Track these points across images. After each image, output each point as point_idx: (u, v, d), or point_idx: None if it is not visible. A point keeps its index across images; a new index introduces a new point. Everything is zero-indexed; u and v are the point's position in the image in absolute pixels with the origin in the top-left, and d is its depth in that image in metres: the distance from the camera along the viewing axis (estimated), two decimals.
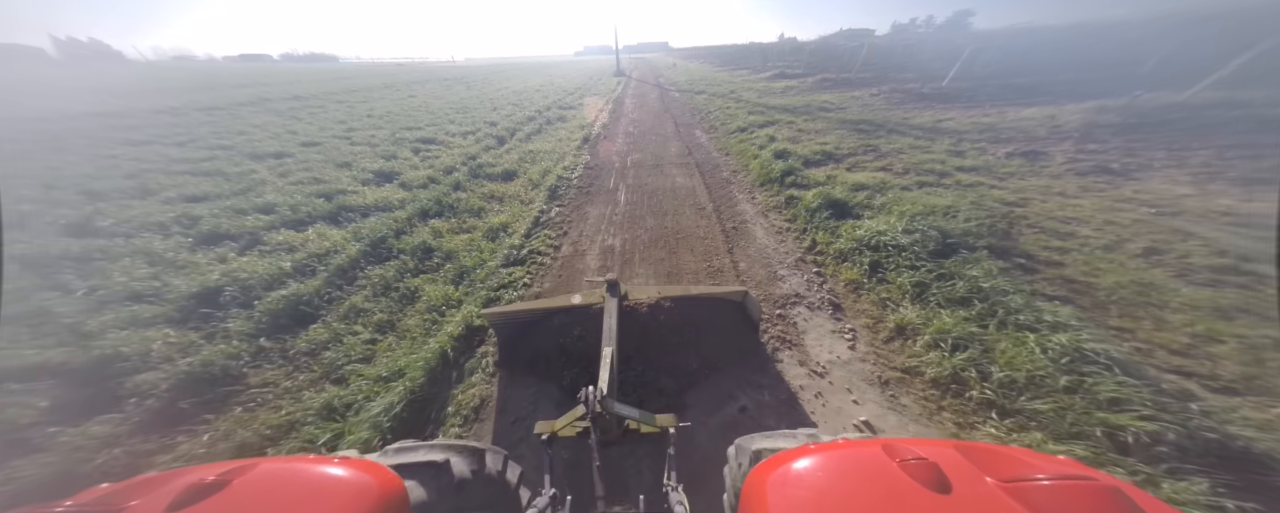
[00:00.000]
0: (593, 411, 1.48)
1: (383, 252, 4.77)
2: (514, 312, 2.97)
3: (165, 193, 6.36)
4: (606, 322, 2.30)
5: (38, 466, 2.36)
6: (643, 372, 2.62)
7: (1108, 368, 2.31)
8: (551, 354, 2.82)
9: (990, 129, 7.81)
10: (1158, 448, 1.94)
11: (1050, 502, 0.59)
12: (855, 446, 0.83)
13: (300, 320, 3.72)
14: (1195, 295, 2.91)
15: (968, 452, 0.73)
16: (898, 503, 0.64)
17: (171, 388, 2.94)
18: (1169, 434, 1.96)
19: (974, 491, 0.64)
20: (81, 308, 3.67)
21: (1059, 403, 2.24)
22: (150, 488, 0.71)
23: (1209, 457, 1.89)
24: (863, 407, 2.61)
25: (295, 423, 2.72)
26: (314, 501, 0.73)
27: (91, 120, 12.93)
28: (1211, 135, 6.25)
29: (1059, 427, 2.16)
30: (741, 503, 0.84)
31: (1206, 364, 2.37)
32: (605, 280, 2.72)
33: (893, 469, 0.69)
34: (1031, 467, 0.68)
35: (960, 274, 3.23)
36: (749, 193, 6.11)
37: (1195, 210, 4.17)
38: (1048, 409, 2.24)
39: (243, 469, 0.75)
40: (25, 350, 3.12)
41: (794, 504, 0.69)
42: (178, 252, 4.64)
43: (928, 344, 2.84)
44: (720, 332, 2.84)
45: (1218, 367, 2.35)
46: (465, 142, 10.08)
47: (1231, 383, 2.25)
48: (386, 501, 0.79)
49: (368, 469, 0.83)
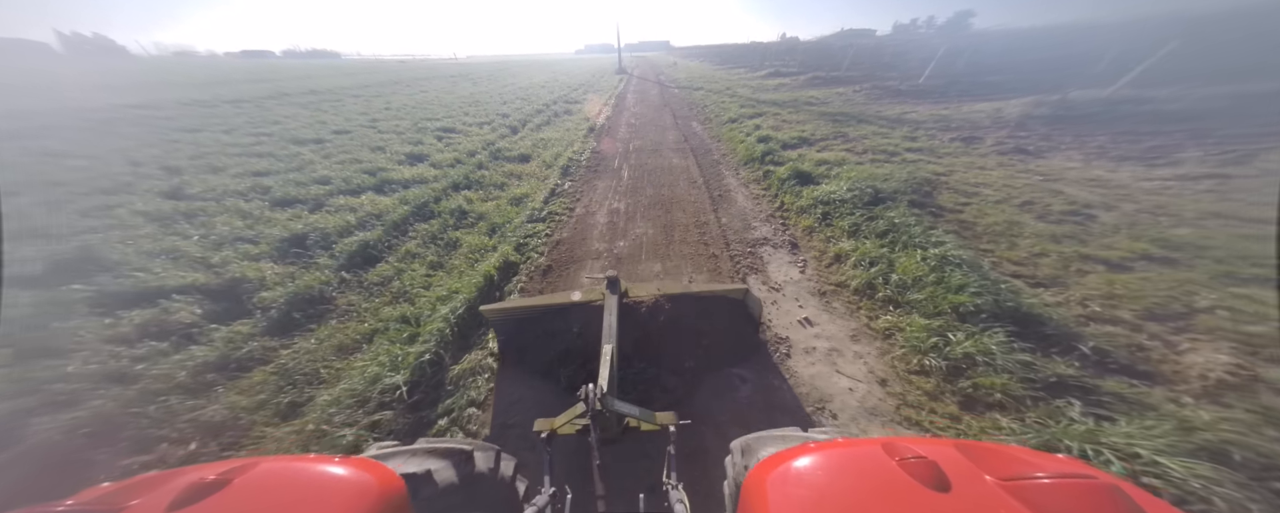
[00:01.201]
0: (592, 408, 1.48)
1: (426, 213, 5.79)
2: (514, 309, 2.94)
3: (232, 170, 7.38)
4: (606, 319, 2.31)
5: (204, 350, 3.31)
6: (642, 370, 2.62)
7: (960, 268, 3.32)
8: (551, 352, 2.80)
9: (944, 119, 8.90)
10: (980, 314, 2.95)
11: (1050, 500, 0.59)
12: (855, 444, 0.83)
13: (369, 260, 4.72)
14: (1043, 229, 3.97)
15: (967, 450, 0.73)
16: (898, 501, 0.64)
17: (285, 303, 3.91)
18: (988, 306, 2.98)
19: (974, 489, 0.64)
20: (202, 248, 4.68)
21: (928, 293, 3.25)
22: (150, 487, 0.71)
23: (1007, 319, 2.90)
24: (805, 309, 3.60)
25: (377, 330, 3.68)
26: (314, 500, 0.73)
27: (131, 112, 13.92)
28: (1112, 124, 7.41)
29: (927, 308, 3.17)
30: (741, 502, 0.84)
31: (1030, 269, 3.40)
32: (605, 277, 2.71)
33: (892, 468, 0.69)
34: (1031, 465, 0.69)
35: (882, 217, 4.26)
36: (734, 170, 7.14)
37: (1073, 178, 5.26)
38: (921, 297, 3.25)
39: (243, 469, 0.75)
40: (176, 275, 4.13)
41: (794, 503, 0.70)
42: (261, 211, 5.65)
43: (853, 264, 3.85)
44: (721, 330, 2.84)
45: (1037, 271, 3.38)
46: (482, 130, 11.08)
47: (1041, 281, 3.28)
48: (386, 500, 0.79)
49: (368, 469, 0.84)
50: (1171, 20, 21.54)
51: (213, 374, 3.11)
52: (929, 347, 2.80)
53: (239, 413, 2.74)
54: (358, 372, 3.03)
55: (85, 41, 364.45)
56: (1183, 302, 2.93)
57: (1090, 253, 3.59)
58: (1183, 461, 1.89)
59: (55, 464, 2.34)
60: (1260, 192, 4.56)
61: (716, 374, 2.76)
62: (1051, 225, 4.13)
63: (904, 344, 2.92)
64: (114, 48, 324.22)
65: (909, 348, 2.87)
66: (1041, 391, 2.44)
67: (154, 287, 3.91)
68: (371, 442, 2.31)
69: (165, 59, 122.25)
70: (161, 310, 3.63)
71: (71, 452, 2.41)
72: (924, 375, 2.72)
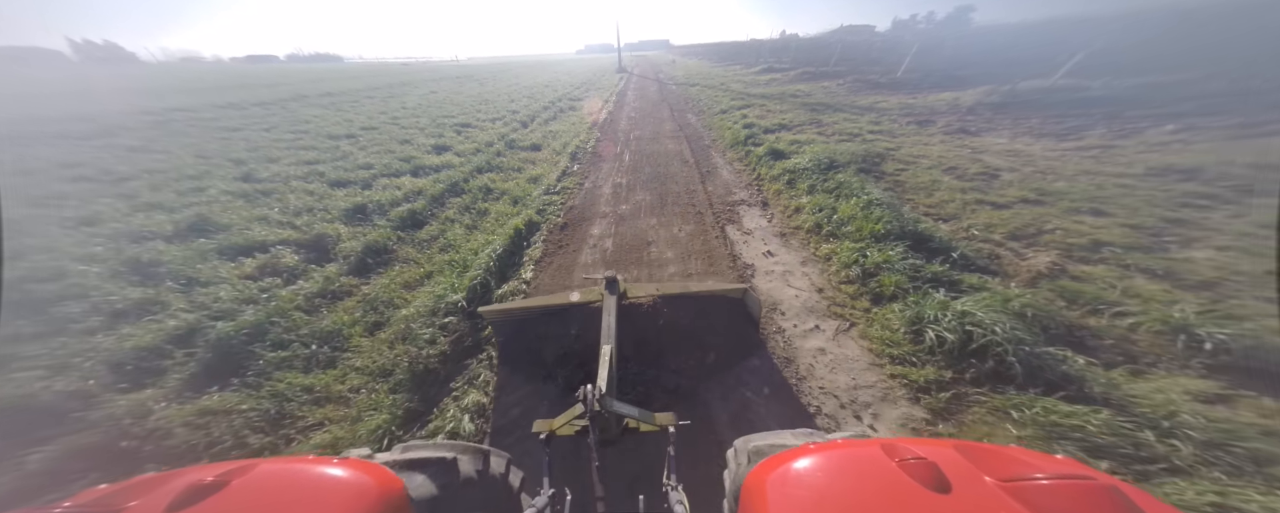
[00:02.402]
0: (591, 409, 1.48)
1: (458, 190, 6.87)
2: (512, 310, 2.96)
3: (286, 160, 8.50)
4: (605, 319, 2.32)
5: (307, 284, 4.34)
6: (641, 371, 2.63)
7: (881, 207, 4.36)
8: (550, 353, 2.80)
9: (908, 107, 9.97)
10: (889, 236, 3.98)
11: (1049, 501, 0.59)
12: (855, 445, 0.83)
13: (417, 224, 5.80)
14: (957, 185, 5.04)
15: (967, 451, 0.74)
16: (897, 503, 0.64)
17: (361, 252, 4.99)
18: (895, 231, 4.02)
19: (973, 490, 0.64)
20: (284, 216, 5.77)
21: (856, 225, 4.29)
22: (150, 488, 0.71)
23: (908, 239, 3.94)
24: (768, 246, 4.61)
25: (432, 272, 4.75)
26: (313, 501, 0.73)
27: (175, 114, 15.10)
28: (1046, 109, 8.55)
29: (855, 235, 4.19)
30: (741, 503, 0.84)
31: (938, 210, 4.46)
32: (604, 278, 2.71)
33: (892, 469, 0.70)
34: (1031, 466, 0.69)
35: (834, 179, 5.31)
36: (722, 152, 8.20)
37: (995, 150, 6.35)
38: (852, 229, 4.28)
39: (242, 470, 0.75)
40: (273, 232, 5.22)
41: (794, 504, 0.70)
42: (322, 190, 6.75)
43: (808, 213, 4.90)
44: (720, 330, 2.85)
45: (943, 211, 4.44)
46: (495, 125, 12.17)
47: (943, 217, 4.33)
48: (386, 501, 0.79)
49: (367, 470, 0.84)
50: (1165, 13, 22.37)
51: (317, 300, 4.19)
52: (852, 261, 3.84)
53: (341, 326, 3.79)
54: (426, 294, 4.10)
55: (96, 48, 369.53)
56: (1036, 227, 3.99)
57: (984, 199, 4.67)
58: (994, 314, 2.92)
59: (228, 353, 3.35)
60: (1127, 154, 5.64)
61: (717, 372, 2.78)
62: (964, 182, 5.22)
63: (837, 264, 3.97)
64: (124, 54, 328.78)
65: (840, 265, 3.91)
66: (922, 284, 3.48)
67: (259, 241, 5.01)
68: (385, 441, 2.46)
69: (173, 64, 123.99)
70: (271, 256, 4.73)
71: (240, 345, 3.43)
72: (849, 283, 3.75)
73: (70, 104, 17.75)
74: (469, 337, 3.51)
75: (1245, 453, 1.91)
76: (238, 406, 2.82)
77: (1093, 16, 29.82)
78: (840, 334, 3.17)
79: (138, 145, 9.79)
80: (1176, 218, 4.05)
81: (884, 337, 3.01)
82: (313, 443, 2.63)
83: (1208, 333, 2.55)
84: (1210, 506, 1.69)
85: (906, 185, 5.30)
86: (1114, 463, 1.96)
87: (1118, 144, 6.18)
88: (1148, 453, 1.97)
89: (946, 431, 2.35)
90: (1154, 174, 5.04)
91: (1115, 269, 3.36)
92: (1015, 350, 2.52)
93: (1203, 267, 3.30)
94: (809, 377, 2.82)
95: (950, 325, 2.78)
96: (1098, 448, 2.02)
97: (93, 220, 5.57)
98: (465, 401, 2.83)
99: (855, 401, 2.62)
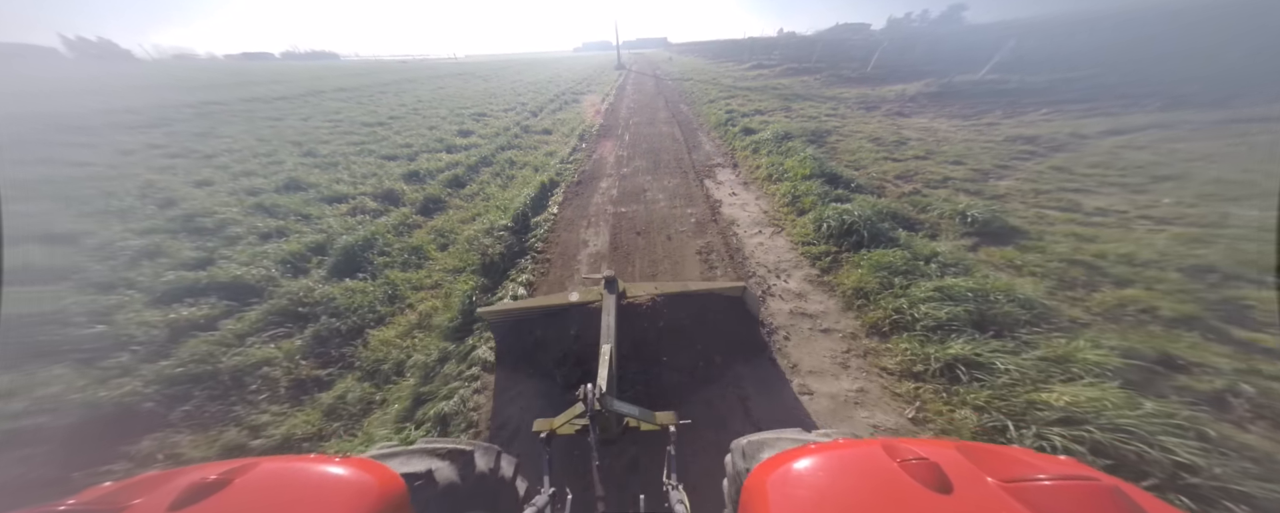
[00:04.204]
0: (592, 408, 1.49)
1: (488, 161, 8.38)
2: (512, 310, 2.98)
3: (335, 142, 9.99)
4: (604, 319, 2.34)
5: (387, 219, 5.91)
6: (642, 370, 2.63)
7: (814, 161, 5.93)
8: (550, 353, 2.82)
9: (864, 97, 11.66)
10: (814, 177, 5.53)
11: (1051, 502, 0.59)
12: (856, 445, 0.83)
13: (460, 184, 7.30)
14: (875, 147, 6.66)
15: (968, 452, 0.74)
16: (899, 503, 0.64)
17: (422, 201, 6.48)
18: (818, 173, 5.58)
19: (975, 491, 0.64)
20: (354, 178, 7.27)
21: (794, 172, 5.84)
22: (151, 487, 0.72)
23: (827, 178, 5.50)
24: (733, 189, 6.11)
25: (479, 213, 6.24)
26: (315, 500, 0.74)
27: (210, 107, 16.53)
28: (968, 98, 10.20)
29: (794, 177, 5.73)
30: (742, 503, 0.85)
31: (854, 163, 6.06)
32: (603, 277, 2.72)
33: (893, 469, 0.70)
34: (1032, 467, 0.69)
35: (786, 146, 6.88)
36: (707, 132, 9.76)
37: (915, 127, 8.02)
38: (789, 176, 5.82)
39: (244, 469, 0.76)
40: (351, 188, 6.72)
41: (795, 504, 0.70)
42: (376, 162, 8.25)
43: (764, 167, 6.45)
44: (720, 328, 2.87)
45: (857, 162, 6.04)
46: (509, 114, 13.68)
47: (857, 167, 5.91)
48: (386, 500, 0.80)
49: (369, 469, 0.85)
50: (1156, 13, 24.07)
51: (400, 228, 5.70)
52: (788, 193, 5.38)
53: (421, 244, 5.30)
54: (479, 224, 5.61)
55: (90, 45, 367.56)
56: (915, 171, 5.62)
57: (890, 157, 6.33)
58: (864, 213, 4.42)
59: (350, 257, 4.82)
60: (1002, 129, 7.31)
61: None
62: (881, 147, 6.88)
63: (778, 196, 5.50)
64: (118, 52, 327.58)
65: (780, 197, 5.46)
66: (827, 201, 4.99)
67: (344, 193, 6.52)
68: (378, 440, 2.40)
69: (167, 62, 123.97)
70: (357, 203, 6.23)
71: (357, 251, 4.91)
72: (785, 207, 5.28)
73: (100, 100, 19.05)
74: (516, 246, 5.05)
75: (971, 262, 3.48)
76: (365, 289, 4.30)
77: (1088, 14, 31.59)
78: (774, 234, 4.73)
79: (204, 131, 11.28)
80: (1005, 165, 5.82)
81: (799, 233, 4.56)
82: (420, 310, 4.08)
83: (973, 216, 4.15)
84: (936, 290, 3.21)
85: (838, 149, 6.98)
86: (902, 279, 3.49)
87: (1002, 122, 7.93)
88: (919, 271, 3.51)
89: (832, 280, 3.88)
90: (1009, 141, 6.89)
91: (950, 192, 4.99)
92: (868, 229, 4.08)
93: (1001, 188, 5.00)
94: (751, 258, 4.35)
95: (835, 220, 4.33)
96: (896, 268, 3.55)
97: (206, 182, 7.08)
98: (520, 279, 4.35)
99: (778, 265, 4.14)
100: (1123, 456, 1.89)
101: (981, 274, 3.34)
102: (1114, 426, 1.98)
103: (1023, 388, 2.32)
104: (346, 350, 3.46)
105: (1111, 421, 2.01)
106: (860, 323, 3.19)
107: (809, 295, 3.63)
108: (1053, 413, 2.12)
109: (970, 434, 2.18)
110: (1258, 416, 2.06)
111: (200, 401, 2.97)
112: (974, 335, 2.73)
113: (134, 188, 6.69)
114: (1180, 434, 1.92)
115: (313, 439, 2.71)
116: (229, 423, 2.82)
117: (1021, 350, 2.57)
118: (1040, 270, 3.35)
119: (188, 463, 2.52)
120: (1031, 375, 2.38)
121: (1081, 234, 3.90)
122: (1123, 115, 7.58)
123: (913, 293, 3.14)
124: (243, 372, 3.20)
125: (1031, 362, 2.46)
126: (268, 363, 3.26)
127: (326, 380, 3.17)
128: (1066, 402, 2.14)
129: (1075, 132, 6.97)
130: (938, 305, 2.96)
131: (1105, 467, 1.87)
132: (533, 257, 4.73)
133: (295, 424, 2.78)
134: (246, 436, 2.71)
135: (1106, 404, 2.08)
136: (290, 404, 2.98)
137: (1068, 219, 4.24)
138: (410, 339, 3.55)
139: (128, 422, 2.75)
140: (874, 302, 3.26)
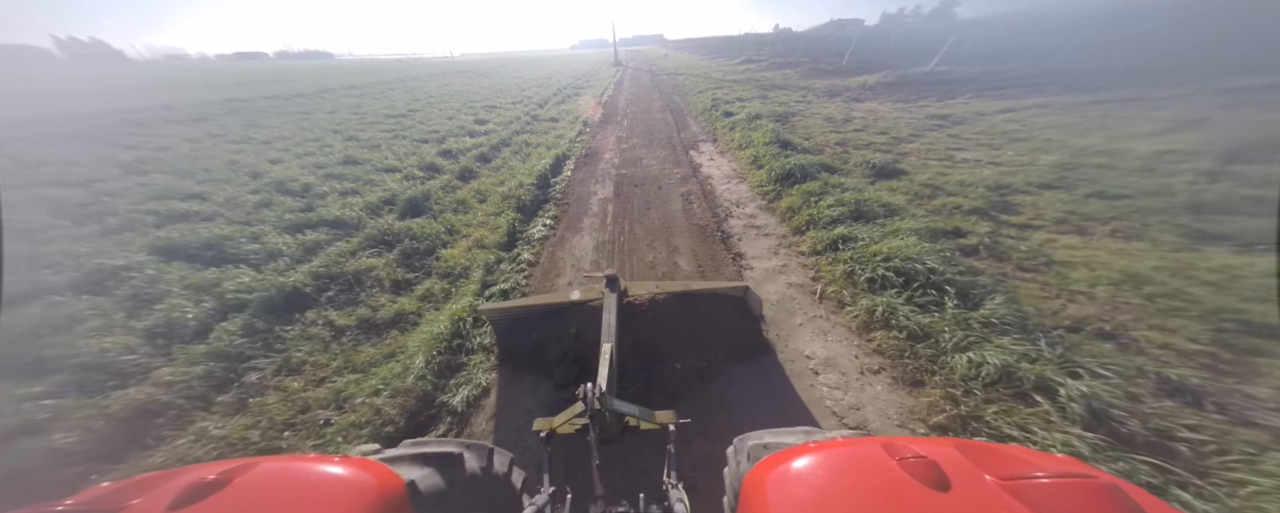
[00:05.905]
0: (592, 407, 1.49)
1: (506, 143, 9.84)
2: (512, 308, 2.99)
3: (369, 131, 11.43)
4: (605, 318, 2.36)
5: (433, 184, 7.38)
6: (642, 370, 2.65)
7: (775, 133, 7.42)
8: (551, 351, 2.83)
9: (831, 87, 13.25)
10: (773, 144, 7.01)
11: (1050, 500, 0.60)
12: (855, 444, 0.84)
13: (486, 159, 8.77)
14: (826, 125, 8.22)
15: (967, 450, 0.74)
16: (898, 501, 0.65)
17: (459, 171, 7.93)
18: (776, 141, 7.08)
19: (974, 489, 0.65)
20: (397, 156, 8.72)
21: (759, 140, 7.32)
22: (151, 487, 0.72)
23: (781, 146, 6.99)
24: (711, 157, 7.63)
25: (506, 178, 7.69)
26: (314, 500, 0.74)
27: (235, 104, 17.91)
28: (915, 87, 11.81)
29: (758, 145, 7.21)
30: (741, 501, 0.85)
31: (806, 135, 7.54)
32: (604, 276, 2.72)
33: (892, 467, 0.70)
34: (1031, 465, 0.69)
35: (755, 123, 8.38)
36: (695, 116, 11.29)
37: (862, 109, 9.67)
38: (756, 144, 7.32)
39: (243, 468, 0.76)
40: (398, 161, 8.17)
41: (794, 502, 0.71)
42: (411, 145, 9.70)
43: (736, 138, 7.95)
44: (720, 328, 2.87)
45: (809, 135, 7.52)
46: (517, 106, 15.11)
47: (807, 137, 7.41)
48: (386, 500, 0.80)
49: (368, 468, 0.85)
50: (1151, 9, 25.39)
51: (445, 188, 7.15)
52: (752, 156, 6.87)
53: (465, 199, 6.75)
54: (508, 184, 7.07)
55: (82, 46, 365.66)
56: (848, 138, 7.10)
57: (835, 131, 7.90)
58: (804, 162, 5.91)
59: (413, 205, 6.30)
60: (929, 109, 8.90)
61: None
62: (831, 124, 8.46)
63: (745, 158, 6.99)
64: (110, 52, 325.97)
65: (746, 159, 6.95)
66: (777, 158, 6.46)
67: (393, 166, 7.98)
68: (379, 442, 2.46)
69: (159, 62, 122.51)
70: (406, 173, 7.70)
71: (418, 201, 6.39)
72: (748, 165, 6.76)
73: (105, 101, 20.05)
74: (541, 196, 6.52)
75: (865, 188, 4.99)
76: (430, 225, 5.75)
77: (1081, 11, 33.11)
78: (738, 183, 6.23)
79: (248, 122, 12.71)
80: (917, 134, 7.49)
81: (756, 180, 6.07)
82: (473, 237, 5.55)
83: (876, 163, 5.71)
84: (835, 201, 4.70)
85: (796, 126, 8.59)
86: (817, 198, 4.97)
87: (931, 105, 9.56)
88: (830, 194, 5.00)
89: (774, 206, 5.37)
90: (929, 118, 8.61)
91: (869, 152, 6.55)
92: (802, 173, 5.59)
93: (907, 149, 6.60)
94: (720, 197, 5.82)
95: (781, 169, 5.82)
96: (815, 192, 5.03)
97: (277, 161, 8.52)
98: (546, 218, 5.81)
99: (738, 200, 5.62)
100: (910, 271, 3.38)
101: (867, 195, 4.85)
102: (906, 257, 3.48)
103: (870, 246, 3.82)
104: (426, 262, 4.92)
105: (906, 255, 3.50)
106: (788, 227, 4.69)
107: (758, 217, 5.13)
108: (880, 254, 3.61)
109: (838, 271, 3.68)
110: (990, 255, 3.57)
111: (335, 291, 4.41)
112: (851, 223, 4.23)
113: (221, 165, 8.13)
114: (941, 261, 3.42)
115: (414, 314, 3.99)
116: (360, 304, 4.24)
117: (875, 229, 4.08)
118: (906, 192, 4.87)
119: (340, 329, 4.33)
120: (876, 239, 3.88)
121: (941, 172, 5.49)
122: (1020, 98, 9.28)
123: (820, 205, 4.64)
124: (360, 273, 4.65)
125: (879, 234, 3.97)
126: (373, 270, 4.70)
127: (415, 282, 4.60)
128: (888, 249, 3.63)
129: (979, 111, 8.66)
130: (833, 208, 4.47)
131: (895, 269, 3.36)
132: (555, 203, 6.22)
133: (402, 305, 4.07)
134: (369, 312, 3.95)
135: (906, 249, 3.58)
136: (394, 294, 4.42)
137: (941, 166, 5.80)
138: (470, 254, 5.02)
139: (296, 299, 4.14)
140: (798, 212, 4.76)
